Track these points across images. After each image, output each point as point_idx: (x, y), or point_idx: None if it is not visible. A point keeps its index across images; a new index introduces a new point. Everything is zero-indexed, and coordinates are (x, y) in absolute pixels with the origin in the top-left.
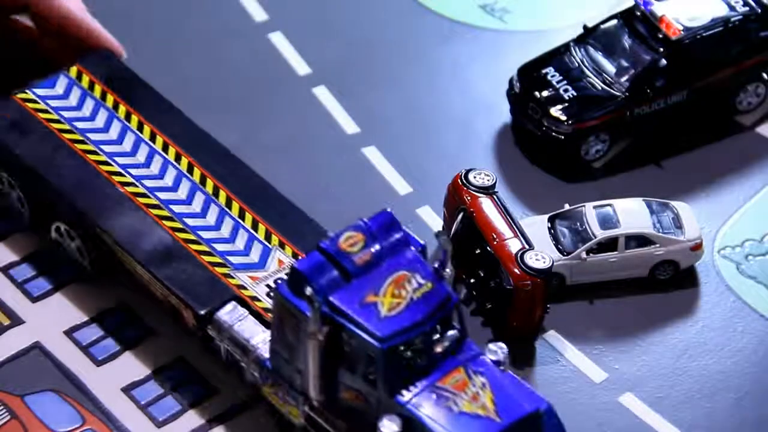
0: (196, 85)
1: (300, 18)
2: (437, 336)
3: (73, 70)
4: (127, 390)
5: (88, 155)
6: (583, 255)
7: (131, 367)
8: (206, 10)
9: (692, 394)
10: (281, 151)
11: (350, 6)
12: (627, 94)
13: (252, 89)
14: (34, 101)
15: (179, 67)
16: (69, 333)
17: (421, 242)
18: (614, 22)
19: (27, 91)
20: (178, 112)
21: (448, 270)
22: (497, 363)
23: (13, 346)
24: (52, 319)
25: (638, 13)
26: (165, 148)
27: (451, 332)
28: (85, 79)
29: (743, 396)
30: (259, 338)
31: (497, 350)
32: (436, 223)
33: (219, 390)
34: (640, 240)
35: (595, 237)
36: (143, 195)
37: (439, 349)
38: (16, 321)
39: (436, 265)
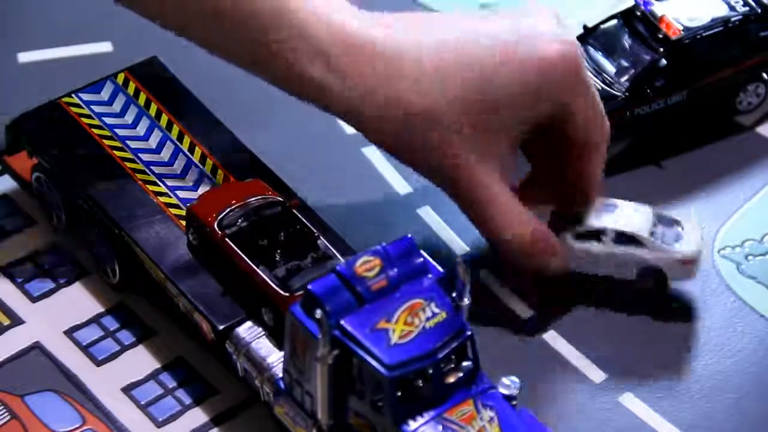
0: (195, 85)
1: None
2: (450, 366)
3: (120, 77)
4: (127, 390)
5: (125, 163)
6: (569, 239)
7: (131, 367)
8: None
9: (692, 394)
10: (281, 150)
11: (350, 5)
12: (627, 94)
13: (252, 89)
14: (78, 105)
15: (178, 67)
16: (69, 333)
17: (441, 270)
18: (614, 22)
19: (72, 95)
20: (220, 125)
21: (465, 300)
22: (509, 398)
23: (13, 346)
24: (52, 319)
25: (638, 13)
26: (203, 160)
27: (464, 363)
28: (131, 86)
29: (743, 396)
30: (275, 357)
31: (510, 384)
32: (436, 223)
33: (219, 390)
34: (629, 239)
35: (586, 224)
36: (175, 206)
37: (450, 379)
38: (16, 321)
39: (454, 295)
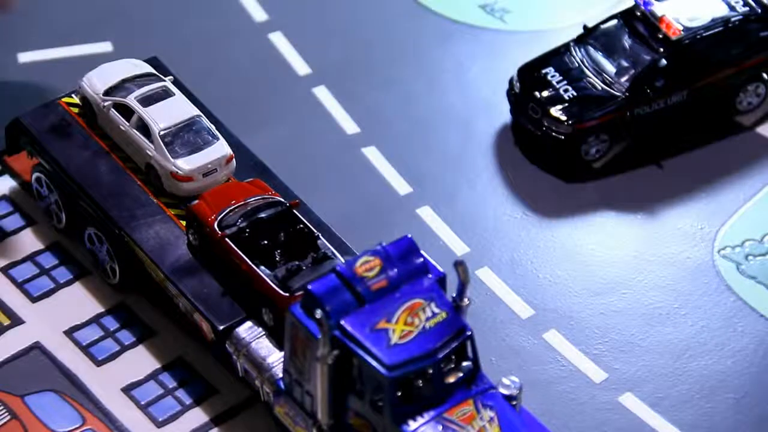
0: (196, 85)
1: (300, 18)
2: (450, 366)
3: None
4: (127, 390)
5: (125, 162)
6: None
7: (131, 367)
8: (206, 10)
9: (692, 395)
10: (281, 150)
11: (350, 6)
12: (627, 94)
13: (252, 89)
14: (78, 105)
15: (180, 66)
16: (69, 333)
17: (441, 270)
18: (614, 22)
19: (72, 95)
20: (220, 125)
21: (465, 300)
22: (509, 398)
23: (13, 346)
24: (52, 319)
25: (638, 13)
26: None
27: (464, 363)
28: None
29: (743, 396)
30: (275, 357)
31: (510, 384)
32: (436, 223)
33: (219, 390)
34: (147, 131)
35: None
36: (175, 206)
37: (450, 379)
38: (16, 321)
39: (454, 295)
